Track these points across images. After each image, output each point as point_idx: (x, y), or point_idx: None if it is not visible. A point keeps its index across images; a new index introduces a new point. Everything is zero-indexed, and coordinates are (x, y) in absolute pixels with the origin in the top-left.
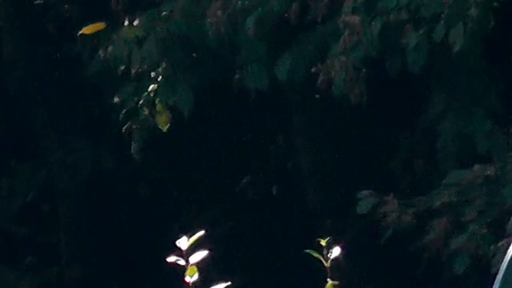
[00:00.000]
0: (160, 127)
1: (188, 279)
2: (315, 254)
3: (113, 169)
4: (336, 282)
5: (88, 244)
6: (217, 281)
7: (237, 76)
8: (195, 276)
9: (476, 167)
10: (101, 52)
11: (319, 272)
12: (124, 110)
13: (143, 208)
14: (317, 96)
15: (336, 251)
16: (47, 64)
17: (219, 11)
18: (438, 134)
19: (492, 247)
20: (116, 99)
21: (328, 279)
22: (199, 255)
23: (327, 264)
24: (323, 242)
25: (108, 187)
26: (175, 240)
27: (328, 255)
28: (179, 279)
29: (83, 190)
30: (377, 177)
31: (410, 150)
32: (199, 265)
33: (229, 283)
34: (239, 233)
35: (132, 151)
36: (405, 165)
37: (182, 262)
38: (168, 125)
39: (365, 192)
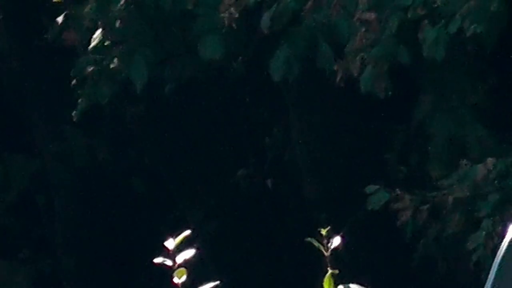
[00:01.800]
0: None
1: (176, 280)
2: (315, 243)
3: (108, 161)
4: (336, 271)
5: (83, 237)
6: (211, 278)
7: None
8: (184, 277)
9: (489, 160)
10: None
11: (315, 266)
12: (75, 79)
13: (138, 200)
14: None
15: (336, 241)
16: (41, 55)
17: None
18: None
19: None
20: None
21: (328, 269)
22: (186, 255)
23: (327, 254)
24: (323, 232)
25: (104, 178)
26: (170, 233)
27: (328, 245)
28: (172, 273)
29: (78, 182)
30: (373, 169)
31: (405, 142)
32: (189, 263)
33: (217, 282)
34: (234, 227)
35: (73, 115)
36: (400, 158)
37: (169, 262)
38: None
39: (374, 187)
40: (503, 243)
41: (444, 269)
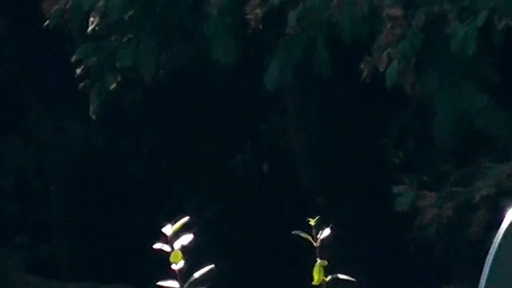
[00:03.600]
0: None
1: (174, 266)
2: (304, 235)
3: (105, 146)
4: (325, 262)
5: (79, 223)
6: (208, 264)
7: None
8: (181, 263)
9: None
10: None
11: (311, 253)
12: (82, 66)
13: (135, 186)
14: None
15: (326, 232)
16: (38, 41)
17: None
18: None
19: None
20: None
21: (318, 259)
22: (183, 240)
23: (316, 244)
24: (312, 222)
25: (100, 164)
26: (167, 220)
27: (318, 235)
28: (166, 263)
29: (74, 167)
30: (369, 154)
31: (402, 127)
32: (187, 249)
33: (212, 265)
34: (231, 213)
35: (90, 113)
36: (396, 142)
37: (167, 248)
38: (115, 85)
39: (401, 187)
40: (499, 231)
41: (464, 265)
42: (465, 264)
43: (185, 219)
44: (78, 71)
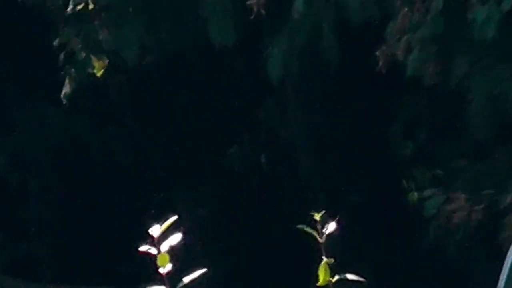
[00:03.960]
0: (94, 71)
1: (161, 270)
2: (309, 230)
3: (89, 138)
4: (331, 260)
5: (60, 219)
6: (199, 267)
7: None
8: (169, 266)
9: None
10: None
11: (312, 250)
12: (63, 52)
13: (121, 180)
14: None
15: (331, 227)
16: (17, 31)
17: None
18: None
19: None
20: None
21: (323, 257)
22: (172, 240)
23: (321, 240)
24: (317, 217)
25: (83, 157)
26: (155, 216)
27: (323, 231)
28: (153, 265)
29: (56, 161)
30: (376, 145)
31: (411, 116)
32: (176, 250)
33: (204, 269)
34: (225, 211)
35: (62, 96)
36: (406, 133)
37: (154, 251)
38: (102, 70)
39: (429, 191)
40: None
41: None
42: (485, 271)
43: (173, 218)
44: (61, 56)
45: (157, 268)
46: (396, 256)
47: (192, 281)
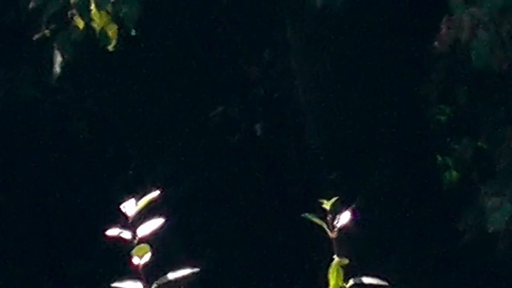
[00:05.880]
0: (105, 44)
1: (136, 260)
2: (317, 220)
3: (37, 99)
4: (345, 260)
5: (2, 201)
6: (178, 260)
7: None
8: (146, 257)
9: None
10: None
11: (321, 246)
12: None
13: (80, 152)
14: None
15: (345, 217)
16: None
17: None
18: None
19: None
20: (32, 4)
21: (335, 255)
22: (151, 225)
23: (332, 235)
24: (326, 205)
25: (31, 123)
26: (121, 199)
27: (335, 223)
28: (121, 258)
29: None
30: (404, 110)
31: (448, 70)
32: (152, 239)
33: (197, 269)
34: (210, 190)
35: (53, 74)
36: (441, 93)
37: (127, 235)
38: (114, 42)
39: (496, 200)
40: None
41: None
42: None
43: (156, 193)
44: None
45: (129, 259)
46: (428, 253)
47: (174, 279)
